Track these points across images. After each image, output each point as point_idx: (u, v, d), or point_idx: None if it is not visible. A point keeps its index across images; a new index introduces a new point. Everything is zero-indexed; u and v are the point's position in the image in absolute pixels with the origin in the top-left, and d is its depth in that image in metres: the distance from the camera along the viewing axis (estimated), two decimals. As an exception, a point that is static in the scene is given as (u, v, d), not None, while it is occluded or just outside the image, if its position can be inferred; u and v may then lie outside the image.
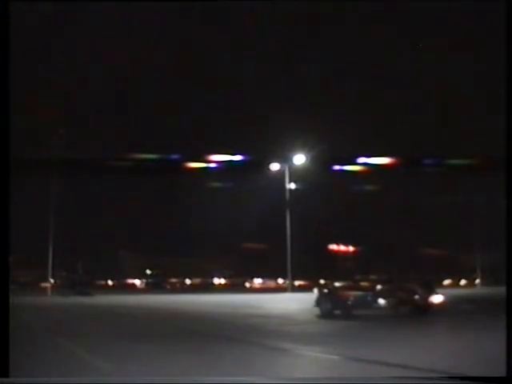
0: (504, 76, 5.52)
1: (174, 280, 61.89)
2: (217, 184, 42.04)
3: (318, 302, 16.87)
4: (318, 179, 40.29)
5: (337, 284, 19.81)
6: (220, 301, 28.62)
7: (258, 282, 62.13)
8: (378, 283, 16.36)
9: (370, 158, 31.69)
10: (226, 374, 6.35)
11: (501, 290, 7.64)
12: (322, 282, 44.19)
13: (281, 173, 39.83)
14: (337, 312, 16.15)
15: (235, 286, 56.20)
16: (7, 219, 5.29)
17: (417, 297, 15.59)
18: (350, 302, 16.13)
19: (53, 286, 43.25)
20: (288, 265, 39.17)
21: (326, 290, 18.51)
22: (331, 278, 37.06)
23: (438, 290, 16.63)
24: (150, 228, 56.28)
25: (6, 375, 4.89)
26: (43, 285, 44.48)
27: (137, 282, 63.48)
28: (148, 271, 64.14)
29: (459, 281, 57.41)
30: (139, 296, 36.58)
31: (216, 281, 64.71)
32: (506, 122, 5.45)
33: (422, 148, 42.93)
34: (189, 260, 60.56)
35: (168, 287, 57.00)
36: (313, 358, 8.25)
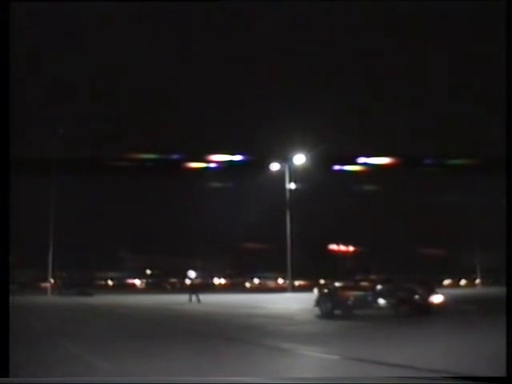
0: (504, 76, 5.52)
1: (173, 280, 61.85)
2: (217, 184, 42.02)
3: (318, 302, 16.86)
4: (317, 179, 40.27)
5: (337, 284, 19.74)
6: (220, 301, 28.62)
7: (257, 281, 62.11)
8: (378, 283, 16.33)
9: (369, 158, 31.66)
10: (226, 373, 6.34)
11: (501, 290, 7.65)
12: (322, 282, 44.16)
13: (281, 173, 39.77)
14: (337, 312, 16.15)
15: (235, 286, 56.17)
16: (7, 219, 5.29)
17: (417, 297, 15.56)
18: (350, 302, 16.13)
19: (53, 285, 43.23)
20: (288, 265, 39.11)
21: (326, 290, 18.47)
22: (331, 277, 37.03)
23: (438, 290, 16.61)
24: (150, 228, 56.24)
25: (6, 375, 4.88)
26: (43, 285, 44.48)
27: (137, 281, 63.44)
28: (148, 271, 64.12)
29: (459, 281, 57.44)
30: (139, 296, 36.58)
31: (216, 281, 64.67)
32: (506, 122, 5.45)
33: (422, 148, 42.96)
34: (189, 260, 60.52)
35: (168, 287, 56.97)
36: (313, 358, 8.24)
